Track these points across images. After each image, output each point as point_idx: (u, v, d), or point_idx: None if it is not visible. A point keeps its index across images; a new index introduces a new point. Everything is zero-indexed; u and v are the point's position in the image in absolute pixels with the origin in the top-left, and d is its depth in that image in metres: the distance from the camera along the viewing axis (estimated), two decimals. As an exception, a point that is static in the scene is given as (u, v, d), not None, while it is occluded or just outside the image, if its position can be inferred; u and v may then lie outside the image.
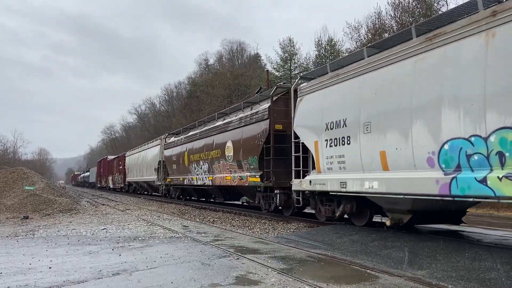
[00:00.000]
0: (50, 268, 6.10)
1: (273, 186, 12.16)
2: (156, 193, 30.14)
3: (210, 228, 10.90)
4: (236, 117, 15.01)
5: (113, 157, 47.24)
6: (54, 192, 19.59)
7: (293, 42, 39.42)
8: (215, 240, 8.60)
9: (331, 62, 10.27)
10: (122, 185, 38.48)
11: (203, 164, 17.75)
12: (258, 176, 12.80)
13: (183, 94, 62.40)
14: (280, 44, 39.99)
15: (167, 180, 23.67)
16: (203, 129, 18.44)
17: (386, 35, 24.69)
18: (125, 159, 37.40)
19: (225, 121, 16.19)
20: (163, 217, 14.26)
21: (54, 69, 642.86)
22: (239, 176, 14.09)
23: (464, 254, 6.17)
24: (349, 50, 31.02)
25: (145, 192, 34.11)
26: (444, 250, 6.52)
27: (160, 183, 25.33)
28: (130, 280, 5.27)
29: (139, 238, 9.07)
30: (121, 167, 39.04)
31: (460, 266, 5.68)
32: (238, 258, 6.57)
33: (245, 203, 17.91)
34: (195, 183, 18.90)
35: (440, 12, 22.25)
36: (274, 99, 12.46)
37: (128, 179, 35.90)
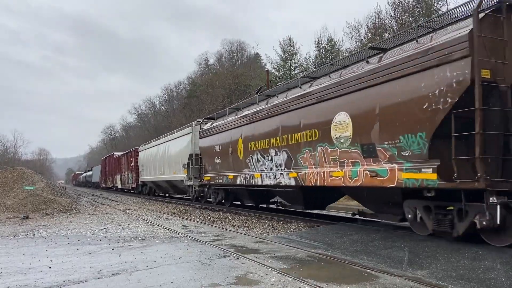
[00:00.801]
0: (50, 268, 6.10)
1: (486, 188, 6.22)
2: (183, 196, 24.79)
3: (210, 228, 10.90)
4: (358, 72, 8.74)
5: (121, 153, 41.97)
6: (54, 192, 19.61)
7: (293, 42, 39.42)
8: (215, 240, 8.60)
9: None
10: (134, 185, 33.13)
11: (276, 155, 11.71)
12: (430, 169, 6.95)
13: (183, 94, 62.45)
14: (280, 44, 39.98)
15: (204, 179, 17.49)
16: (275, 102, 12.08)
17: (386, 35, 24.71)
18: (137, 155, 31.93)
19: (325, 84, 9.84)
20: (163, 217, 14.26)
21: (54, 69, 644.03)
22: (368, 171, 8.23)
23: (464, 254, 6.17)
24: (349, 50, 31.02)
25: (164, 194, 29.32)
26: (444, 250, 6.52)
27: (191, 183, 19.45)
28: (130, 280, 5.28)
29: (139, 238, 9.07)
30: (132, 165, 33.42)
31: (460, 266, 5.68)
32: (238, 258, 6.58)
33: (357, 216, 10.38)
34: (258, 182, 12.86)
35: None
36: (481, 16, 6.54)
37: (142, 178, 30.41)
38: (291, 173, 10.98)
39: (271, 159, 12.08)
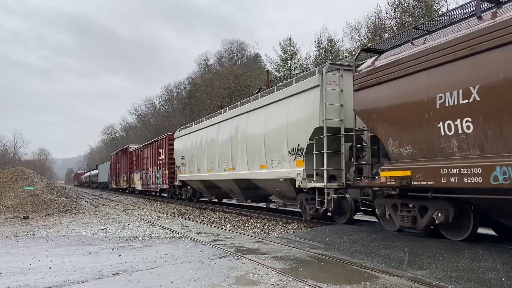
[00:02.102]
0: (50, 268, 6.10)
1: None
2: (273, 206, 14.91)
3: (210, 228, 10.90)
4: None
5: (141, 145, 32.19)
6: (54, 192, 19.61)
7: (293, 42, 39.52)
8: (215, 240, 8.60)
9: None
10: (165, 187, 23.78)
11: None
12: None
13: (183, 94, 62.52)
14: (280, 44, 40.10)
15: (389, 175, 7.95)
16: None
17: (386, 35, 24.72)
18: (171, 144, 22.71)
19: None
20: (163, 217, 14.26)
21: (54, 70, 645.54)
22: None
23: (464, 254, 6.17)
24: (349, 50, 31.06)
25: (209, 199, 20.01)
26: (444, 250, 6.52)
27: (321, 184, 10.03)
28: (130, 280, 5.28)
29: (139, 238, 9.07)
30: (162, 158, 24.23)
31: (460, 266, 5.68)
32: (238, 258, 6.58)
33: None
34: None
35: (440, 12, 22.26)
36: None
37: (181, 176, 20.68)
38: None
39: None
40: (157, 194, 28.04)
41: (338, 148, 10.04)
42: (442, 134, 6.86)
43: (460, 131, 6.57)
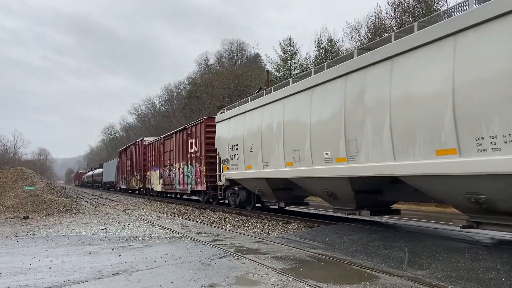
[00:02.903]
0: (50, 268, 6.11)
1: None
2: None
3: (210, 228, 10.90)
4: None
5: (158, 137, 25.93)
6: (54, 192, 19.62)
7: (293, 42, 39.49)
8: (215, 240, 8.60)
9: None
10: (202, 188, 17.76)
11: None
12: None
13: (183, 94, 62.56)
14: (280, 44, 40.08)
15: None
16: None
17: (386, 35, 24.71)
18: (213, 130, 16.45)
19: None
20: (163, 217, 14.26)
21: (54, 70, 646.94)
22: None
23: (464, 254, 6.17)
24: (349, 50, 31.03)
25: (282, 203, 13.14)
26: (444, 250, 6.52)
27: None
28: (130, 280, 5.28)
29: (139, 238, 9.07)
30: (195, 151, 18.46)
31: (460, 266, 5.68)
32: (238, 258, 6.58)
33: None
34: None
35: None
36: None
37: (231, 173, 14.55)
38: None
39: None
40: (182, 196, 22.49)
41: None
42: None
43: None
